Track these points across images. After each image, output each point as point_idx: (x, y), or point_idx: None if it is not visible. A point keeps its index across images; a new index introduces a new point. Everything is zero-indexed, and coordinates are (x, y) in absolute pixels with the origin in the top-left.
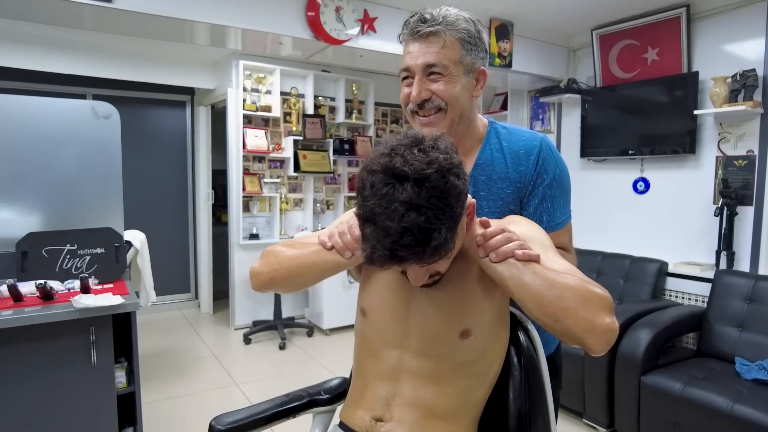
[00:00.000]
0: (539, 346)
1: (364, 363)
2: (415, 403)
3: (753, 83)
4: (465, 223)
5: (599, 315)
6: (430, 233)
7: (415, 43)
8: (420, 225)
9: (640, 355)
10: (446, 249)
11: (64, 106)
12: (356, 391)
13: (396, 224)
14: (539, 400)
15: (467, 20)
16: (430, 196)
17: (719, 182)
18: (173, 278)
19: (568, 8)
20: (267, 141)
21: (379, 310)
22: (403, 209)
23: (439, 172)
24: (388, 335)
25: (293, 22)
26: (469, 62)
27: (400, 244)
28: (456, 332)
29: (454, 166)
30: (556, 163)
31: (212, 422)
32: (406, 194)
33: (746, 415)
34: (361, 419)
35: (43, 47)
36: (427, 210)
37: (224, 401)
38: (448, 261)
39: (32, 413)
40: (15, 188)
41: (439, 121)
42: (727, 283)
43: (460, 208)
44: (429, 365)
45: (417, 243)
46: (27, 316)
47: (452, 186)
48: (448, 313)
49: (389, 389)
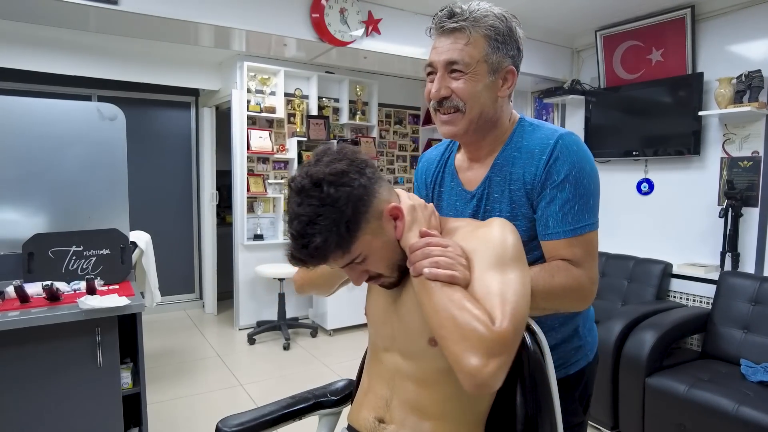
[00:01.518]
0: (546, 349)
1: (370, 363)
2: (409, 404)
3: (758, 84)
4: (384, 225)
5: (468, 354)
6: (307, 239)
7: (441, 38)
8: (298, 231)
9: (645, 357)
10: (329, 250)
11: (69, 108)
12: (362, 391)
13: (289, 232)
14: (546, 404)
15: (497, 16)
16: (305, 207)
17: (724, 183)
18: (178, 278)
19: (572, 9)
20: (271, 142)
21: (373, 314)
22: (292, 218)
23: (313, 184)
24: (381, 337)
25: (298, 24)
26: (494, 61)
27: (294, 247)
28: (424, 340)
29: (331, 175)
30: (572, 162)
31: (219, 424)
32: (292, 206)
33: (752, 417)
34: (366, 419)
35: (48, 49)
36: (303, 218)
37: (229, 402)
38: (379, 262)
39: (39, 413)
40: (21, 189)
41: (457, 121)
42: (732, 284)
43: (339, 214)
44: (414, 368)
45: (301, 246)
46: (33, 317)
47: (326, 194)
48: (416, 320)
49: (388, 390)
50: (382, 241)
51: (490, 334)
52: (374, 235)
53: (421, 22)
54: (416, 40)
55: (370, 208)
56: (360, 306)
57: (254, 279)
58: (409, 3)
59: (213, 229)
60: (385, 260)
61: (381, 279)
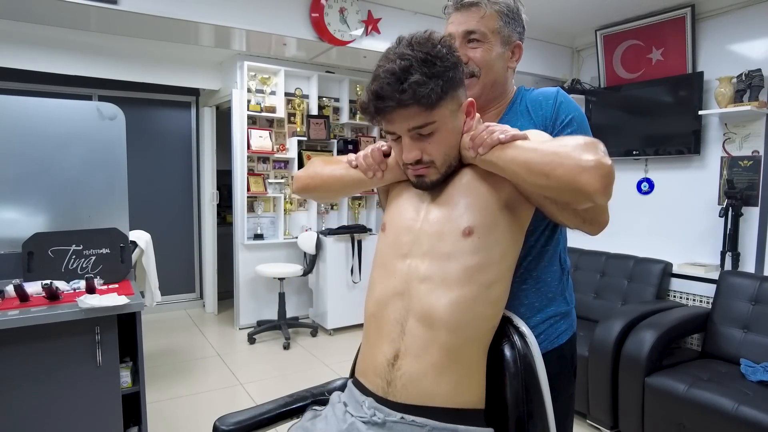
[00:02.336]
0: (536, 352)
1: (377, 286)
2: (423, 317)
3: (759, 83)
4: (459, 114)
5: (585, 154)
6: (409, 73)
7: (457, 13)
8: (402, 66)
9: (645, 356)
10: (423, 91)
11: (69, 108)
12: (373, 331)
13: (384, 68)
14: (538, 408)
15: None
16: (415, 51)
17: (724, 183)
18: (178, 278)
19: (572, 9)
20: (271, 142)
21: (396, 221)
22: (394, 57)
23: (429, 39)
24: (401, 244)
25: (297, 24)
26: (506, 34)
27: (385, 82)
28: (459, 229)
29: (446, 42)
30: (574, 107)
31: (216, 422)
32: (399, 50)
33: (752, 416)
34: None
35: (49, 49)
36: (410, 58)
37: (228, 401)
38: (441, 145)
39: (38, 412)
40: (21, 189)
41: (472, 86)
42: (732, 284)
43: (445, 71)
44: (436, 268)
45: (397, 80)
46: (33, 316)
47: (439, 51)
48: (451, 212)
49: (401, 309)
50: (453, 125)
51: (593, 140)
52: (451, 113)
53: (421, 21)
54: None
55: (460, 89)
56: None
57: (254, 278)
58: (408, 2)
59: (213, 228)
60: (446, 145)
61: (428, 169)
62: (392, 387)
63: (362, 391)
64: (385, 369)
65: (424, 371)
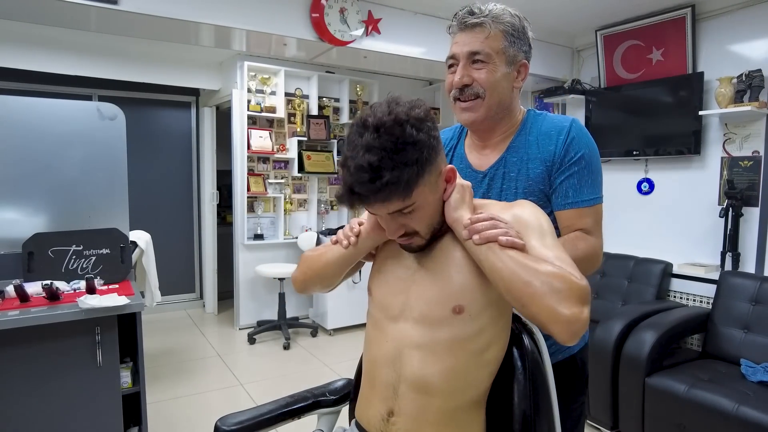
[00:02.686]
0: (544, 350)
1: (372, 346)
2: (416, 382)
3: (759, 84)
4: (439, 183)
5: (564, 303)
6: (381, 171)
7: (462, 33)
8: (372, 163)
9: (645, 357)
10: (398, 188)
11: (69, 108)
12: (367, 383)
13: (354, 163)
14: (544, 404)
15: (513, 15)
16: (384, 140)
17: (724, 183)
18: (178, 278)
19: (573, 9)
20: (271, 142)
21: (386, 283)
22: (362, 151)
23: (396, 121)
24: (392, 307)
25: (298, 24)
26: (511, 54)
27: (357, 180)
28: (449, 307)
29: (414, 119)
30: (586, 143)
31: (218, 423)
32: (366, 139)
33: (752, 417)
34: (374, 417)
35: (49, 49)
36: (380, 151)
37: (229, 401)
38: (422, 219)
39: (38, 412)
40: (21, 189)
41: (477, 107)
42: (732, 284)
43: (417, 155)
44: (427, 336)
45: (370, 179)
46: (33, 317)
47: (408, 134)
48: (442, 287)
49: (394, 373)
50: (434, 198)
51: (581, 282)
52: (430, 189)
53: (421, 21)
54: (416, 40)
55: (437, 160)
56: (359, 307)
57: (254, 279)
58: (408, 3)
59: (213, 228)
60: (428, 218)
61: (413, 238)
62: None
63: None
64: (380, 423)
65: (420, 429)
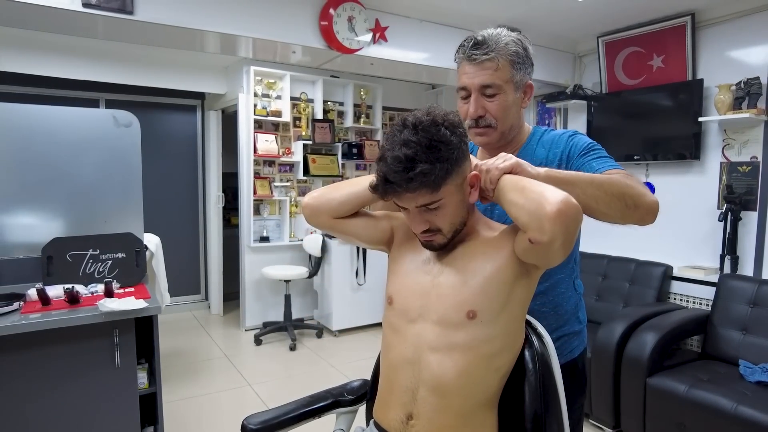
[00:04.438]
0: (552, 352)
1: (391, 351)
2: (433, 386)
3: (757, 91)
4: (464, 186)
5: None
6: (414, 162)
7: (472, 64)
8: (408, 155)
9: (646, 358)
10: (428, 180)
11: (86, 116)
12: (386, 387)
13: (391, 155)
14: (553, 404)
15: (516, 42)
16: (420, 137)
17: (723, 188)
18: (184, 280)
19: (575, 16)
20: (277, 145)
21: (404, 291)
22: (400, 145)
23: (433, 122)
24: (412, 310)
25: (306, 32)
26: (518, 79)
27: (392, 169)
28: (463, 311)
29: (449, 122)
30: (591, 141)
31: (244, 422)
32: (404, 135)
33: (750, 416)
34: (394, 420)
35: (56, 54)
36: (416, 146)
37: (238, 402)
38: (446, 217)
39: (59, 412)
40: (40, 195)
41: (490, 134)
42: (731, 287)
43: (449, 154)
44: (443, 338)
45: (404, 169)
46: (56, 319)
47: (442, 134)
48: (458, 292)
49: (413, 377)
50: (458, 198)
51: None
52: (456, 189)
53: (427, 29)
54: (421, 46)
55: (465, 163)
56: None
57: (260, 280)
58: (415, 11)
59: (219, 230)
60: (451, 216)
61: (436, 235)
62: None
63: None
64: (400, 426)
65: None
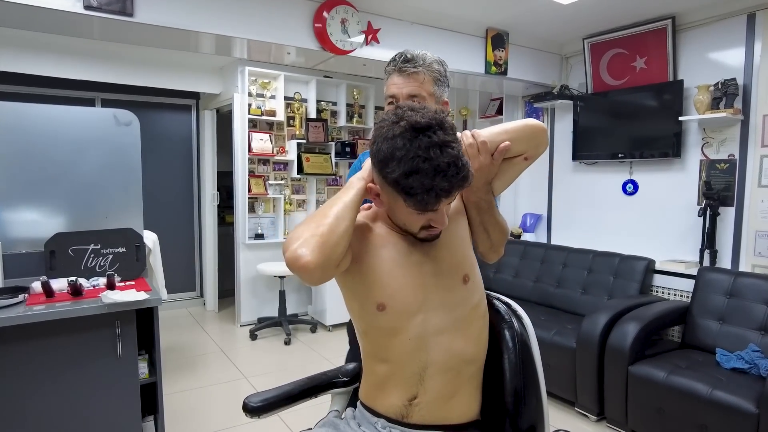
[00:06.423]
0: (531, 331)
1: (390, 350)
2: (447, 362)
3: (734, 91)
4: None
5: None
6: (465, 161)
7: (399, 76)
8: (458, 155)
9: (628, 347)
10: (470, 171)
11: (88, 114)
12: (382, 380)
13: (443, 162)
14: (532, 380)
15: (439, 62)
16: (449, 134)
17: (703, 184)
18: (179, 277)
19: (561, 19)
20: (272, 144)
21: (399, 294)
22: (441, 148)
23: (442, 116)
24: (412, 305)
25: (301, 33)
26: (438, 94)
27: (447, 176)
28: (459, 278)
29: (440, 110)
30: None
31: (246, 400)
32: (439, 137)
33: (724, 399)
34: (394, 405)
35: (52, 54)
36: (455, 145)
37: (234, 393)
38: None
39: (62, 401)
40: (43, 191)
41: None
42: (709, 279)
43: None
44: (450, 316)
45: (458, 171)
46: (60, 310)
47: (452, 123)
48: (449, 263)
49: (420, 363)
50: None
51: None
52: None
53: (418, 31)
54: (413, 48)
55: None
56: None
57: (255, 277)
58: (406, 14)
59: (214, 228)
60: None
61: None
62: (408, 417)
63: (374, 414)
64: (401, 408)
65: (443, 401)
